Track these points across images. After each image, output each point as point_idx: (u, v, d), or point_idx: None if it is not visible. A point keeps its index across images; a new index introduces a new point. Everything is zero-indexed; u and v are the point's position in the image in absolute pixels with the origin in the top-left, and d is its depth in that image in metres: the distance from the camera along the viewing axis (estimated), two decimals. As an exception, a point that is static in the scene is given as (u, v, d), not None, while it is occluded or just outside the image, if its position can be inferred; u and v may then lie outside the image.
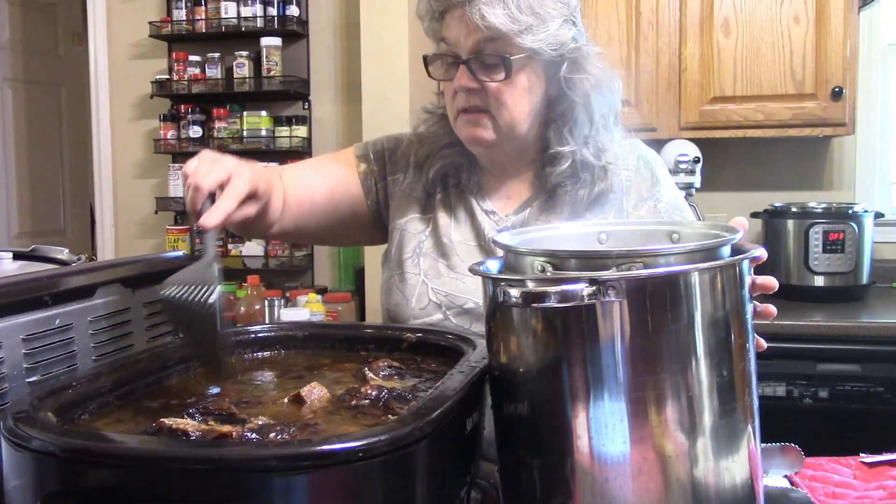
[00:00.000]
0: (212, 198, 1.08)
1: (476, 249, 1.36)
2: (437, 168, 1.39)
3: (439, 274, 1.35)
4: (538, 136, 1.35)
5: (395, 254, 1.40)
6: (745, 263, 0.83)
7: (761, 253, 0.87)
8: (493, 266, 0.91)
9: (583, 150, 1.32)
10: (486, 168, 1.40)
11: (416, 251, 1.38)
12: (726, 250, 0.84)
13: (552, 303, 0.75)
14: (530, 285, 0.76)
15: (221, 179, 1.09)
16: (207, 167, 1.10)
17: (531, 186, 1.39)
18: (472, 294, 1.31)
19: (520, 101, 1.28)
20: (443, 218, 1.39)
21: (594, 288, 0.74)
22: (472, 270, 0.89)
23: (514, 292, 0.76)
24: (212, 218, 1.05)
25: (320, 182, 1.42)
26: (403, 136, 1.47)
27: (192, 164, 1.12)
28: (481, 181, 1.41)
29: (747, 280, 0.84)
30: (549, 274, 0.80)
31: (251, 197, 1.15)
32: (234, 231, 2.11)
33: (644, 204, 1.35)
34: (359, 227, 1.47)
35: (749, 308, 0.84)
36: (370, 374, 1.00)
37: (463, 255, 1.35)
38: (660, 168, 1.39)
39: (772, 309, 0.98)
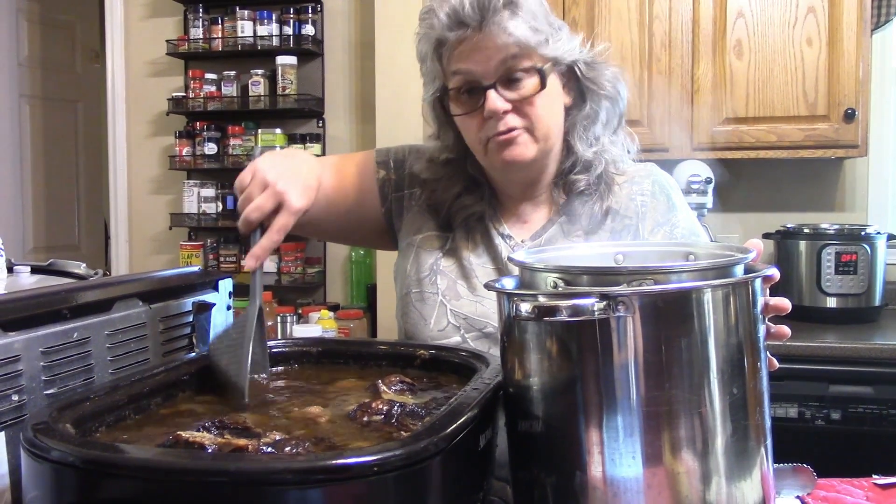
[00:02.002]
0: (262, 226, 1.12)
1: (494, 273, 1.34)
2: (460, 221, 1.38)
3: (458, 295, 1.34)
4: (559, 148, 1.35)
5: (411, 270, 1.39)
6: (758, 282, 0.84)
7: (773, 272, 0.88)
8: (509, 284, 0.92)
9: (612, 150, 1.35)
10: (503, 193, 1.40)
11: (433, 269, 1.37)
12: (739, 270, 0.85)
13: (563, 317, 0.76)
14: (542, 300, 0.78)
15: (267, 212, 1.11)
16: (257, 189, 1.12)
17: (547, 211, 1.38)
18: (492, 317, 1.30)
19: (552, 110, 1.30)
20: (461, 240, 1.38)
21: (605, 303, 0.75)
22: (488, 287, 0.90)
23: (526, 306, 0.77)
24: (253, 260, 1.09)
25: (338, 183, 1.42)
26: (425, 152, 1.45)
27: (246, 178, 1.14)
28: (498, 207, 1.40)
29: (760, 300, 0.84)
30: (560, 289, 0.81)
31: None
32: None
33: (660, 229, 1.35)
34: (370, 230, 1.47)
35: (761, 328, 0.85)
36: (383, 388, 1.01)
37: (482, 277, 1.34)
38: (675, 193, 1.39)
39: (786, 330, 0.98)
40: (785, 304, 0.95)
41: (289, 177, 1.14)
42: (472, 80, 1.26)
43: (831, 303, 2.79)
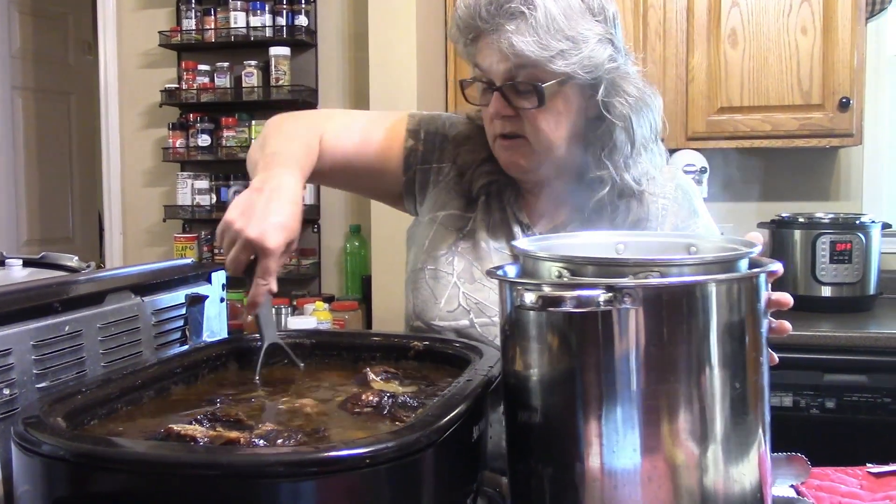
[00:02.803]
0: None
1: (510, 258, 1.34)
2: (481, 185, 1.37)
3: (472, 279, 1.33)
4: (577, 156, 1.31)
5: (428, 246, 1.37)
6: (762, 277, 0.83)
7: (778, 267, 0.86)
8: (510, 271, 0.92)
9: (623, 175, 1.29)
10: (525, 186, 1.38)
11: (451, 249, 1.36)
12: (743, 264, 0.84)
13: (568, 307, 0.75)
14: (547, 290, 0.77)
15: (245, 262, 1.10)
16: (228, 244, 1.10)
17: (568, 208, 1.36)
18: None
19: (556, 126, 1.26)
20: (481, 222, 1.37)
21: (611, 294, 0.74)
22: (490, 274, 0.89)
23: (531, 296, 0.76)
24: (252, 308, 1.10)
25: (361, 147, 1.40)
26: (458, 123, 1.43)
27: (219, 233, 1.12)
28: (520, 196, 1.39)
29: (763, 294, 0.84)
30: (566, 279, 0.80)
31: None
32: None
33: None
34: (384, 191, 1.47)
35: (765, 322, 0.84)
36: (372, 376, 1.01)
37: (498, 261, 1.32)
38: (698, 199, 1.38)
39: (787, 325, 0.97)
40: (787, 299, 0.94)
41: (259, 219, 1.09)
42: (487, 78, 1.27)
43: (826, 292, 2.79)
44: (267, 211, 1.11)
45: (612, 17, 1.26)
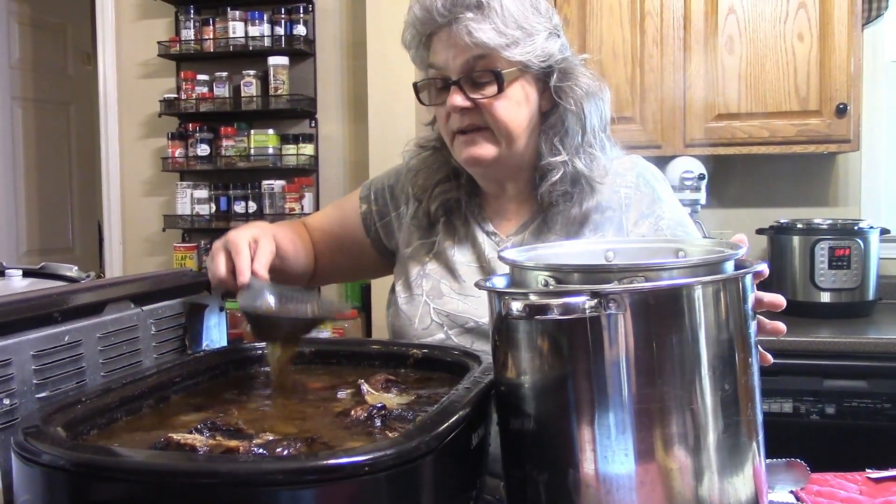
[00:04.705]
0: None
1: (478, 270, 1.37)
2: (437, 205, 1.41)
3: (441, 294, 1.36)
4: (534, 150, 1.35)
5: (403, 279, 1.42)
6: (748, 278, 0.84)
7: (763, 268, 0.88)
8: (499, 282, 0.92)
9: (574, 161, 1.32)
10: (485, 191, 1.41)
11: (419, 273, 1.40)
12: (729, 266, 0.85)
13: (554, 315, 0.75)
14: (533, 298, 0.77)
15: (223, 267, 1.19)
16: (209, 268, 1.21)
17: (529, 208, 1.39)
18: (473, 314, 1.32)
19: (514, 114, 1.29)
20: (446, 240, 1.40)
21: (596, 301, 0.75)
22: (479, 286, 0.90)
23: (518, 305, 0.77)
24: (242, 278, 1.15)
25: (335, 225, 1.53)
26: (402, 169, 1.50)
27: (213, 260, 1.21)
28: (482, 204, 1.42)
29: (750, 295, 0.84)
30: (552, 287, 0.81)
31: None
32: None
33: (644, 221, 1.34)
34: (369, 262, 1.54)
35: (752, 323, 0.85)
36: (367, 389, 1.01)
37: (465, 275, 1.36)
38: (661, 184, 1.39)
39: (781, 326, 0.99)
40: (780, 300, 0.96)
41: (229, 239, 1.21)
42: (442, 75, 1.30)
43: (825, 297, 2.79)
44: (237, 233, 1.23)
45: (557, 24, 1.33)
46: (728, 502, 0.80)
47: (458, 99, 1.27)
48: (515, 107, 1.29)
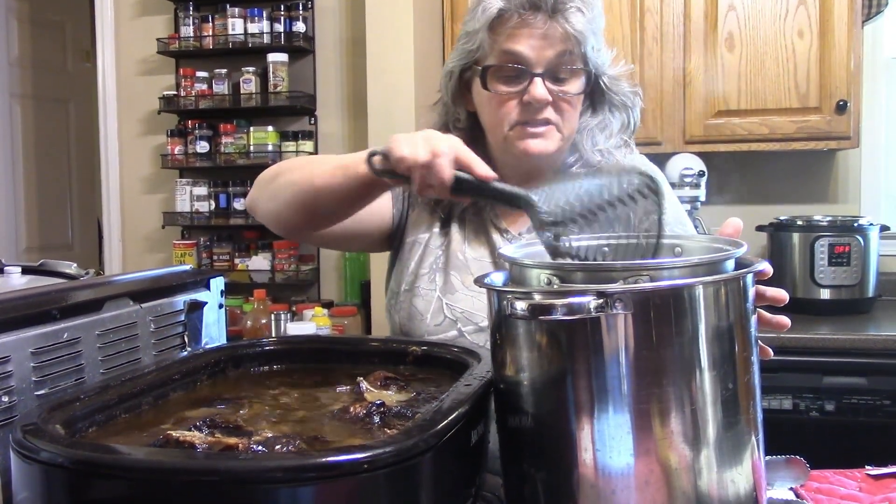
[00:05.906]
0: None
1: (490, 266, 1.36)
2: (445, 204, 1.40)
3: (454, 290, 1.35)
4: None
5: (413, 267, 1.40)
6: (750, 277, 0.84)
7: (765, 267, 0.87)
8: (497, 279, 0.92)
9: (590, 149, 1.36)
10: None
11: (432, 267, 1.38)
12: (730, 263, 0.85)
13: (559, 315, 0.74)
14: (537, 298, 0.76)
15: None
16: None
17: None
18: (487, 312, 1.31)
19: (576, 113, 1.33)
20: (458, 234, 1.39)
21: (601, 301, 0.74)
22: (478, 283, 0.89)
23: (521, 305, 0.76)
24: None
25: None
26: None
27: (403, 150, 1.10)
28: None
29: (751, 293, 0.84)
30: (555, 287, 0.80)
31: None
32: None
33: (647, 218, 1.35)
34: (374, 237, 1.47)
35: (753, 321, 0.85)
36: (366, 387, 1.01)
37: (477, 271, 1.33)
38: (662, 183, 1.40)
39: (785, 320, 0.99)
40: (782, 294, 0.96)
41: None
42: (520, 64, 1.28)
43: (825, 294, 2.79)
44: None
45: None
46: (727, 499, 0.80)
47: (542, 92, 1.27)
48: (578, 106, 1.32)
